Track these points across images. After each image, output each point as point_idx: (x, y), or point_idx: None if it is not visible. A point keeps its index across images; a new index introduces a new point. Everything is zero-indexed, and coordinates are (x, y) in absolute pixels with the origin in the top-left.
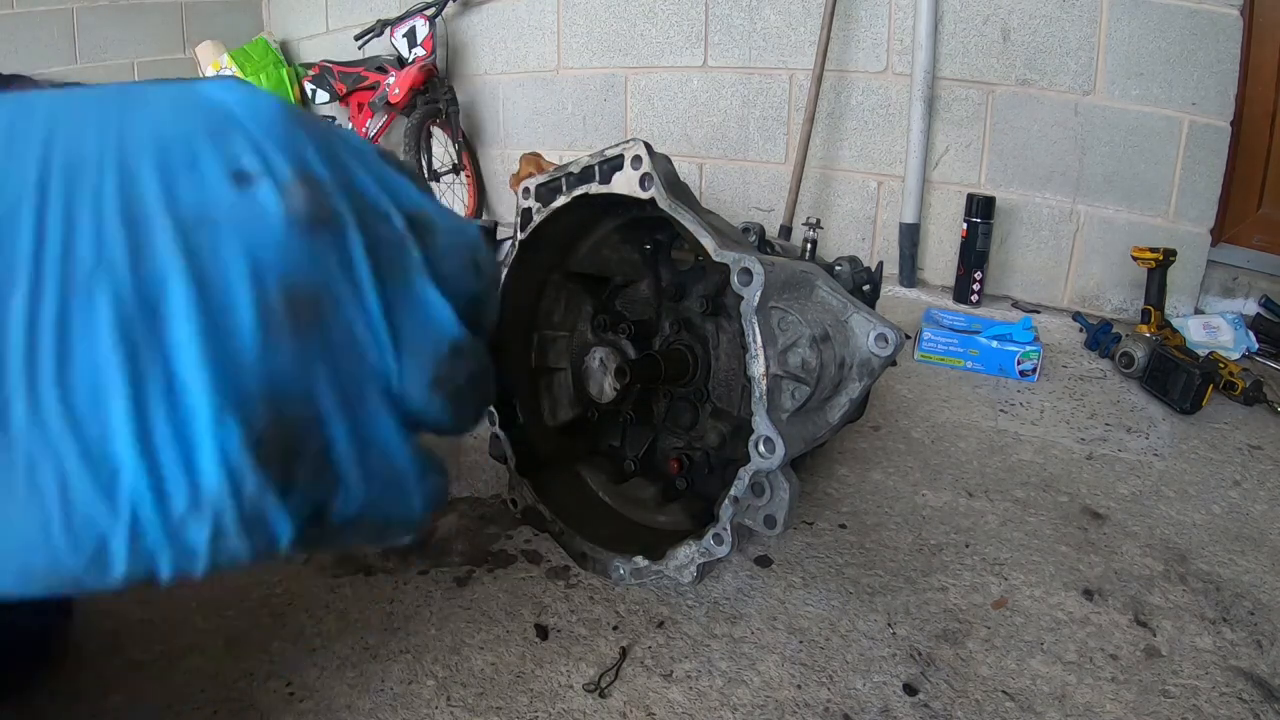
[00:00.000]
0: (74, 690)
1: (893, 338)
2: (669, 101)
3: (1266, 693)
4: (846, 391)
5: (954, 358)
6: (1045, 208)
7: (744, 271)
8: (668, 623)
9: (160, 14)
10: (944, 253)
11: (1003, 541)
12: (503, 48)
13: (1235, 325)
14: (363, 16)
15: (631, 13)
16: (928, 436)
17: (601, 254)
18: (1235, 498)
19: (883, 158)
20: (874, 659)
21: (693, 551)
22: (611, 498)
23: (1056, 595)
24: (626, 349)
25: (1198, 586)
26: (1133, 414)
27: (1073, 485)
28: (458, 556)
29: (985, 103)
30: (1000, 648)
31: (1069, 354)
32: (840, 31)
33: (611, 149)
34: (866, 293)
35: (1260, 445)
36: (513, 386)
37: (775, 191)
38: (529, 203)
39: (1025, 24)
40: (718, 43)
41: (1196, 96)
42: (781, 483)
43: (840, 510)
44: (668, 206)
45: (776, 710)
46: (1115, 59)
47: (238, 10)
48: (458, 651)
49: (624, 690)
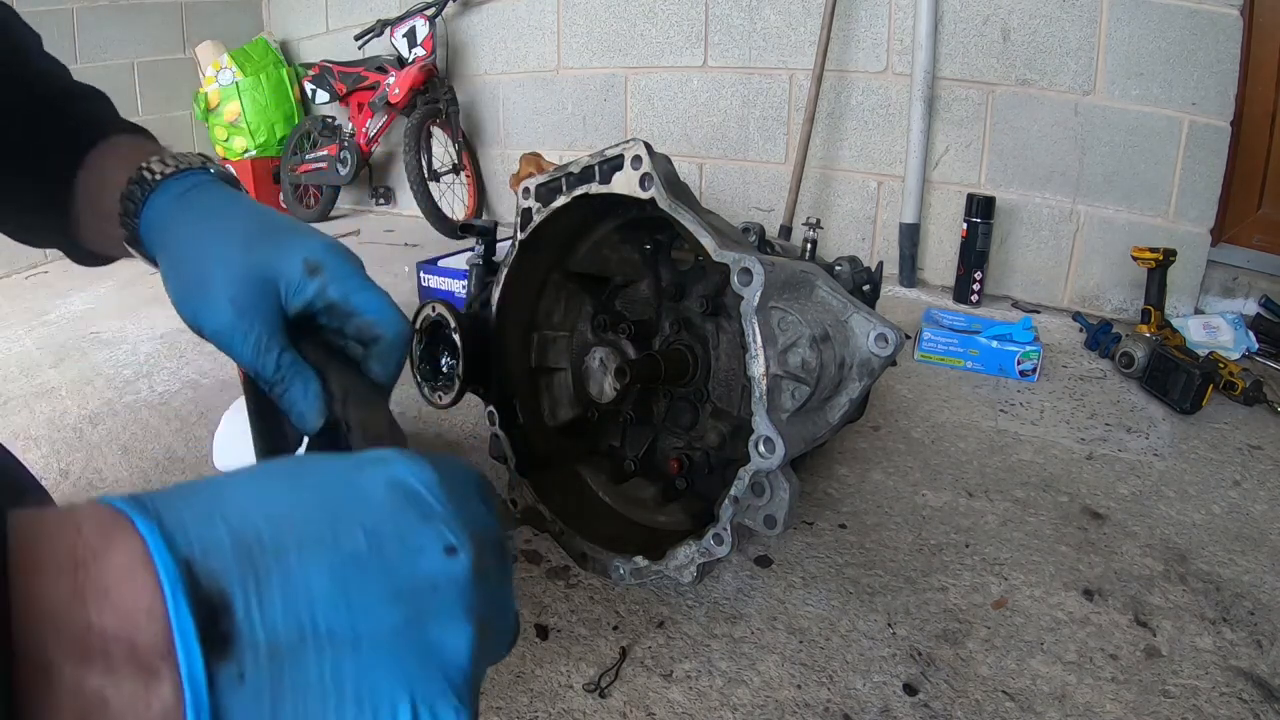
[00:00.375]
0: None
1: (893, 338)
2: (669, 101)
3: (1266, 693)
4: (846, 391)
5: (954, 358)
6: (1045, 208)
7: (744, 271)
8: (668, 623)
9: (160, 14)
10: (944, 253)
11: (1003, 541)
12: (503, 48)
13: (1235, 325)
14: (363, 16)
15: (631, 13)
16: (928, 436)
17: (601, 254)
18: (1235, 498)
19: (883, 158)
20: (874, 659)
21: (693, 551)
22: (611, 498)
23: (1056, 595)
24: (626, 349)
25: (1198, 586)
26: (1133, 414)
27: (1073, 485)
28: None
29: (985, 103)
30: (1000, 648)
31: (1069, 354)
32: (840, 31)
33: (611, 149)
34: (866, 293)
35: (1260, 445)
36: (513, 386)
37: (775, 191)
38: (529, 203)
39: (1025, 24)
40: (718, 43)
41: (1196, 96)
42: (781, 483)
43: (840, 510)
44: (668, 206)
45: (776, 710)
46: (1115, 59)
47: (238, 10)
48: None
49: (624, 690)
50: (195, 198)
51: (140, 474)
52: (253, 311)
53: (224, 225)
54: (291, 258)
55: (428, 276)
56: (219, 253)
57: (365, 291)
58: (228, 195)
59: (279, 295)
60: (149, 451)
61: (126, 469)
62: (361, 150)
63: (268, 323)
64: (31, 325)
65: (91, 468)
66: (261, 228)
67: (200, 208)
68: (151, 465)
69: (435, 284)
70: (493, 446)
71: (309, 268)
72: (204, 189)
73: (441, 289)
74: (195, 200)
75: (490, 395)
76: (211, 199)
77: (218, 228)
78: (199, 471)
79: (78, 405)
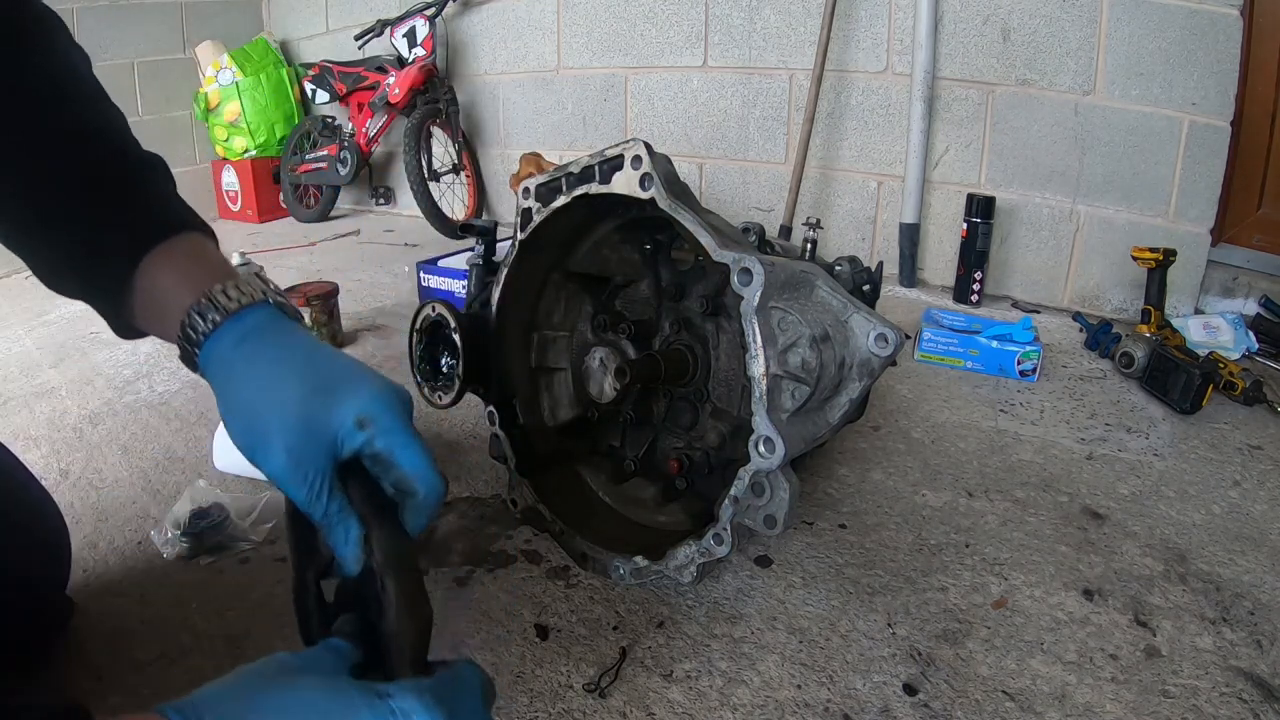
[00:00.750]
0: (74, 690)
1: (893, 338)
2: (669, 101)
3: (1266, 693)
4: (846, 391)
5: (954, 358)
6: (1045, 208)
7: (744, 271)
8: (668, 623)
9: (160, 14)
10: (944, 253)
11: (1003, 541)
12: (503, 48)
13: (1235, 325)
14: (363, 16)
15: (631, 13)
16: (928, 436)
17: (601, 254)
18: (1235, 498)
19: (883, 158)
20: (874, 659)
21: (693, 551)
22: (611, 498)
23: (1056, 595)
24: (626, 349)
25: (1198, 586)
26: (1133, 414)
27: (1073, 485)
28: (458, 556)
29: (985, 103)
30: (1000, 648)
31: (1069, 354)
32: (840, 31)
33: (611, 149)
34: (866, 293)
35: (1260, 445)
36: (513, 386)
37: (775, 191)
38: (529, 203)
39: (1025, 24)
40: (718, 43)
41: (1196, 96)
42: (781, 483)
43: (840, 510)
44: (668, 206)
45: (776, 710)
46: (1115, 59)
47: (238, 10)
48: (458, 651)
49: (624, 690)
50: (254, 342)
51: (140, 474)
52: (307, 462)
53: (282, 373)
54: (344, 411)
55: (428, 276)
56: (277, 400)
57: (408, 449)
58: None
59: (331, 445)
60: (149, 451)
61: (126, 469)
62: (361, 150)
63: (320, 471)
64: (31, 325)
65: (91, 468)
66: (317, 377)
67: (259, 355)
68: (151, 465)
69: (435, 284)
70: (493, 446)
71: (358, 422)
72: (263, 333)
73: (441, 289)
74: (255, 345)
75: (490, 395)
76: (269, 345)
77: (276, 375)
78: (199, 471)
79: (78, 405)
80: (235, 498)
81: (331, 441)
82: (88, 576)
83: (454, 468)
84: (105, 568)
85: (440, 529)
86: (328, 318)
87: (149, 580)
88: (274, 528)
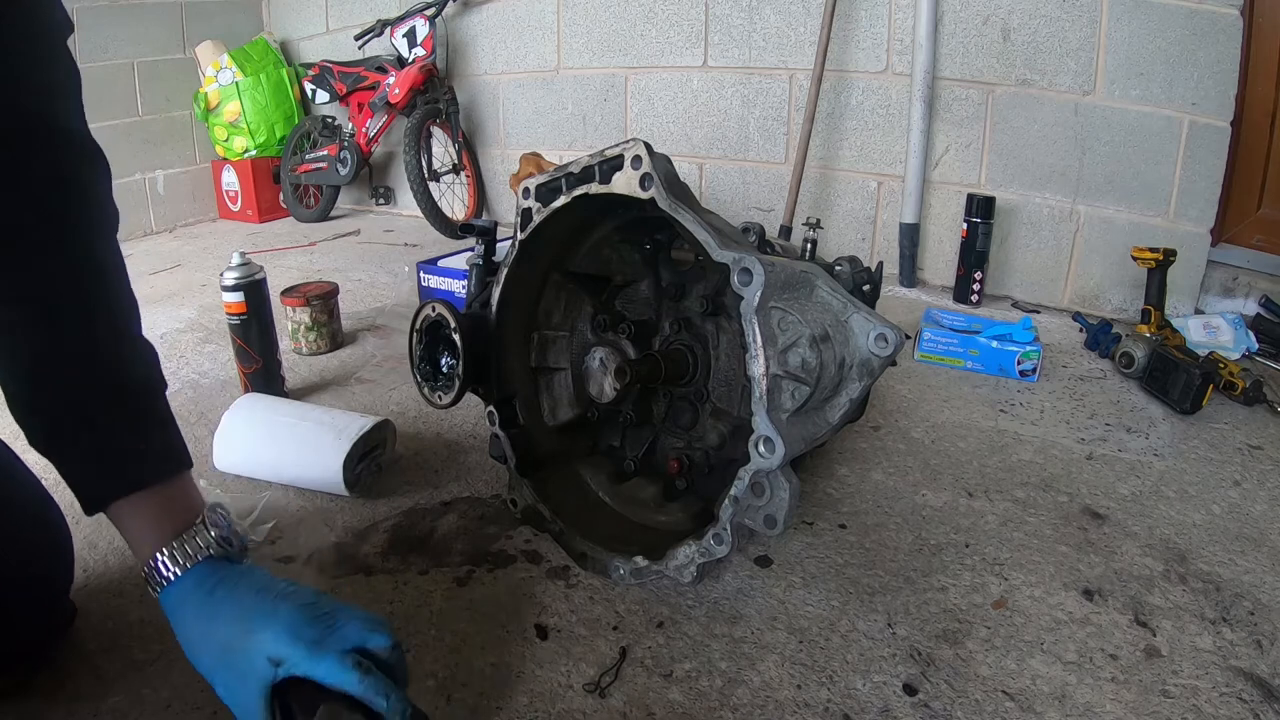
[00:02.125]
0: (74, 690)
1: (893, 338)
2: (669, 102)
3: (1266, 693)
4: (846, 391)
5: (954, 358)
6: (1045, 208)
7: (744, 271)
8: (668, 623)
9: (160, 14)
10: (944, 253)
11: (1003, 541)
12: (503, 48)
13: (1235, 325)
14: (363, 16)
15: (631, 13)
16: (928, 436)
17: (601, 254)
18: (1235, 498)
19: (883, 158)
20: (874, 659)
21: (693, 551)
22: (611, 498)
23: (1056, 595)
24: (626, 349)
25: (1198, 586)
26: (1133, 414)
27: (1073, 485)
28: (458, 556)
29: (985, 103)
30: (1000, 648)
31: (1069, 354)
32: (840, 31)
33: (611, 149)
34: (866, 293)
35: (1260, 445)
36: (513, 387)
37: (775, 191)
38: (529, 203)
39: (1025, 24)
40: (718, 43)
41: (1196, 96)
42: (781, 483)
43: (840, 510)
44: (668, 206)
45: (776, 710)
46: (1115, 59)
47: (238, 10)
48: (458, 651)
49: (624, 690)
50: (201, 593)
51: None
52: (239, 695)
53: (212, 627)
54: (256, 655)
55: (428, 276)
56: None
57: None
58: (221, 591)
59: (258, 679)
60: None
61: None
62: (361, 150)
63: (251, 701)
64: None
65: None
66: (241, 622)
67: (202, 605)
68: None
69: (435, 284)
70: (493, 446)
71: (271, 661)
72: (204, 584)
73: (441, 289)
74: (200, 596)
75: (490, 395)
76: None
77: (211, 624)
78: (199, 471)
79: None
80: (235, 498)
81: (257, 677)
82: (88, 576)
83: (454, 468)
84: (105, 568)
85: (440, 529)
86: (328, 318)
87: None
88: (274, 528)
